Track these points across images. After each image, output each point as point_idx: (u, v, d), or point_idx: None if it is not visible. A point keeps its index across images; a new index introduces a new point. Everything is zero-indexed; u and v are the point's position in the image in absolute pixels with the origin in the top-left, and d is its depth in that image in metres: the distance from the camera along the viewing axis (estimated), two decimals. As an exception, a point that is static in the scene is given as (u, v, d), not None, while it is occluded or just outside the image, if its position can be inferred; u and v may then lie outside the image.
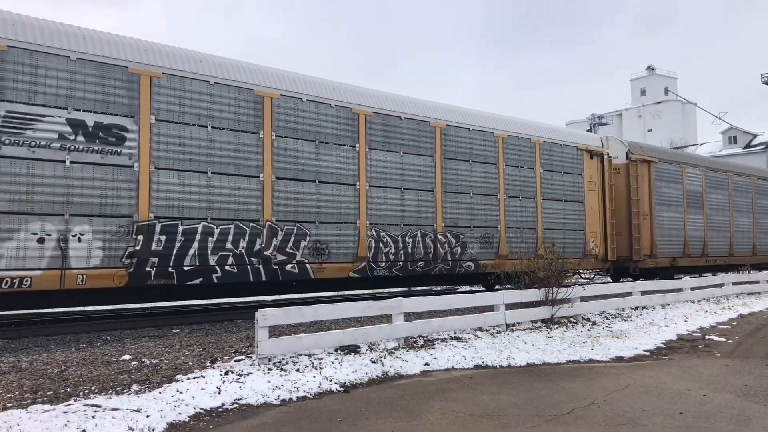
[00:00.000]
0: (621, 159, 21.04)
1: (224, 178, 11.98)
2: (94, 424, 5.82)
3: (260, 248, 12.28)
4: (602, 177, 19.93)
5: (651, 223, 21.14)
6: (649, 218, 21.05)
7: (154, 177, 11.18)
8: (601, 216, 19.73)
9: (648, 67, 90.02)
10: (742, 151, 56.79)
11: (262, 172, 12.47)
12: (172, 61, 11.66)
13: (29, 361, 8.22)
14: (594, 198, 19.63)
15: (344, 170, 13.80)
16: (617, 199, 20.89)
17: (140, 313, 14.04)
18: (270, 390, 7.28)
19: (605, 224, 19.88)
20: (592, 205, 19.43)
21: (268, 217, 12.46)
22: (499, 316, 11.80)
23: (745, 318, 15.17)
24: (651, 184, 21.27)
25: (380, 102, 14.85)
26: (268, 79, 12.90)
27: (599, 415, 6.70)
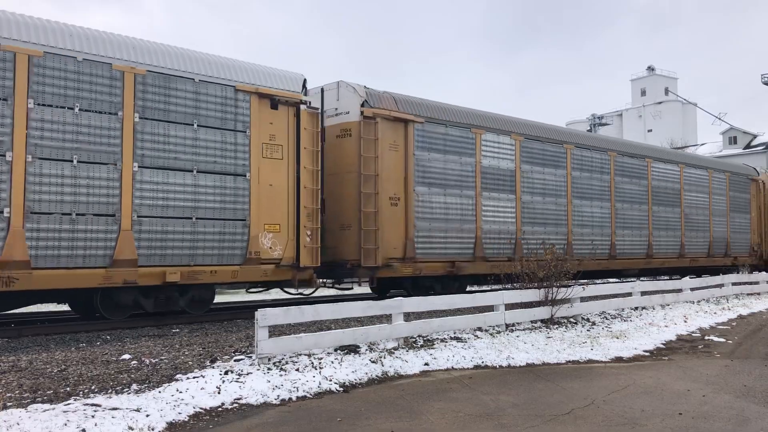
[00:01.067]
0: (354, 115, 14.52)
1: None
2: (94, 424, 5.82)
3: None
4: (297, 139, 13.17)
5: (407, 212, 14.80)
6: (403, 204, 14.81)
7: None
8: (292, 199, 13.11)
9: (648, 68, 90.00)
10: (742, 151, 56.81)
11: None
12: None
13: (29, 360, 8.22)
14: (278, 171, 12.90)
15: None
16: (341, 175, 14.67)
17: (140, 313, 14.03)
18: (270, 390, 7.29)
19: (299, 211, 13.16)
20: (272, 182, 12.79)
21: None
22: (499, 317, 11.80)
23: (744, 318, 15.18)
24: (409, 154, 14.94)
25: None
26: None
27: (599, 416, 6.71)
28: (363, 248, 14.02)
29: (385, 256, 14.40)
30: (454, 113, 16.32)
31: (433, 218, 15.43)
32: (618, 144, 22.04)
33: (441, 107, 16.19)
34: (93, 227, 10.71)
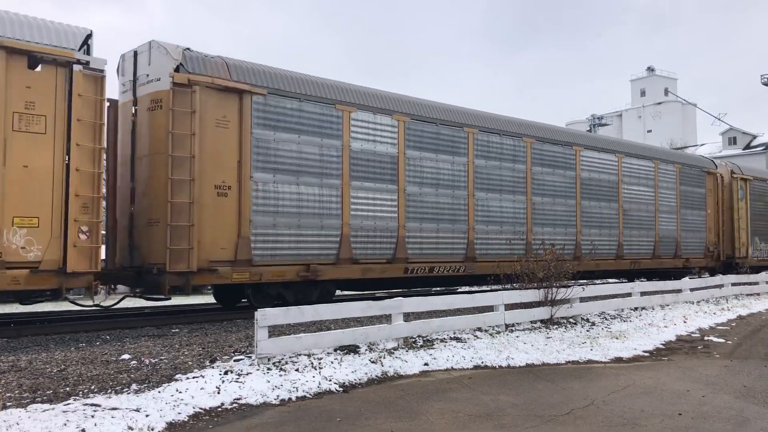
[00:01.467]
0: (166, 82, 11.72)
1: None
2: (94, 423, 5.82)
3: None
4: (69, 110, 10.49)
5: (240, 204, 12.15)
6: (235, 194, 12.12)
7: None
8: (59, 186, 10.42)
9: (648, 68, 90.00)
10: (741, 152, 56.81)
11: None
12: None
13: (29, 360, 8.22)
14: (38, 149, 10.22)
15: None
16: (153, 157, 11.96)
17: (139, 313, 14.05)
18: (269, 390, 7.29)
19: (66, 200, 10.44)
20: (27, 162, 10.11)
21: None
22: (499, 317, 11.80)
23: (744, 319, 15.19)
24: (245, 133, 12.26)
25: None
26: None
27: (598, 416, 6.71)
28: (170, 248, 11.22)
29: (207, 258, 11.64)
30: (312, 85, 13.43)
31: (278, 212, 12.61)
32: (536, 129, 18.32)
33: (293, 77, 13.28)
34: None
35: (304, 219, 13.05)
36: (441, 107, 16.13)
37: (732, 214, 24.67)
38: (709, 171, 24.23)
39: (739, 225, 24.59)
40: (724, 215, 24.71)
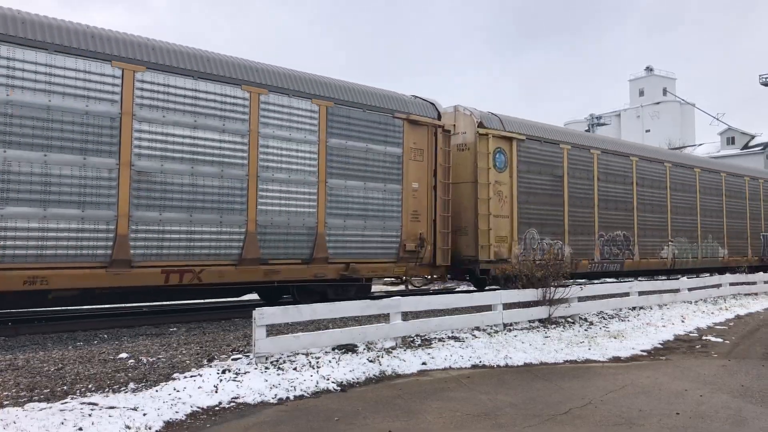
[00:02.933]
0: None
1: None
2: (91, 422, 5.81)
3: None
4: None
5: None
6: None
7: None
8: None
9: (646, 68, 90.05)
10: (740, 152, 56.89)
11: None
12: None
13: (26, 358, 8.20)
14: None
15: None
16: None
17: (137, 312, 14.03)
18: (267, 389, 7.28)
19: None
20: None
21: None
22: (497, 316, 11.81)
23: (742, 319, 15.21)
24: None
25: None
26: None
27: (596, 415, 6.71)
28: None
29: None
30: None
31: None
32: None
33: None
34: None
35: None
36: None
37: (477, 193, 16.04)
38: (411, 117, 14.82)
39: (489, 210, 16.03)
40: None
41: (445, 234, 15.48)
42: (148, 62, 11.07)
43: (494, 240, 16.21)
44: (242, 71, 12.30)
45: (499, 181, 16.55)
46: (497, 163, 16.62)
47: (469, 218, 16.27)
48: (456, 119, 16.69)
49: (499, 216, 16.41)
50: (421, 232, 14.96)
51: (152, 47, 11.29)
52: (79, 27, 10.73)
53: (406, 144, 14.83)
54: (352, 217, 13.82)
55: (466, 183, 16.47)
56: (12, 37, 9.85)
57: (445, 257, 15.46)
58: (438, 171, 15.32)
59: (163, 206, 11.21)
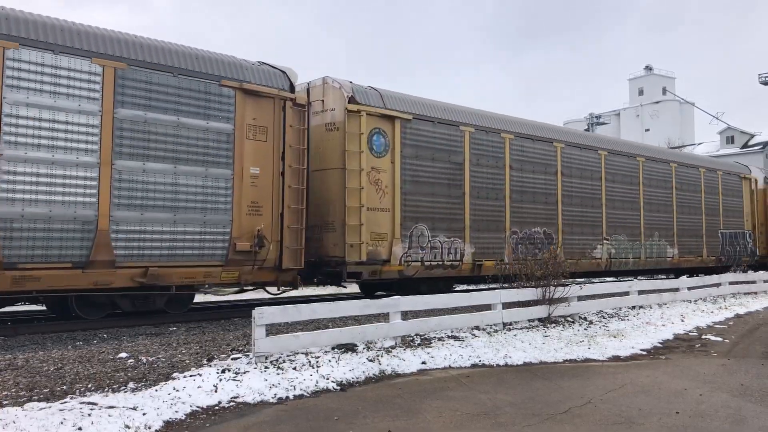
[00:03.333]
0: None
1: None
2: (90, 422, 5.81)
3: None
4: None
5: None
6: None
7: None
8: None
9: (646, 67, 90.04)
10: (739, 151, 56.89)
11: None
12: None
13: (25, 358, 8.20)
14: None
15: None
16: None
17: (137, 311, 14.01)
18: (267, 388, 7.28)
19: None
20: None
21: None
22: (496, 315, 11.80)
23: (741, 318, 15.21)
24: None
25: None
26: None
27: (596, 415, 6.71)
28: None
29: None
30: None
31: None
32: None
33: None
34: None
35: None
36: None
37: (346, 181, 13.64)
38: (251, 89, 12.29)
39: (362, 201, 13.65)
40: (333, 184, 13.96)
41: (296, 231, 12.77)
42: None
43: (369, 237, 13.80)
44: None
45: (378, 167, 14.11)
46: (374, 147, 14.03)
47: (338, 212, 13.73)
48: (325, 93, 14.26)
49: (376, 209, 14.01)
50: (260, 228, 12.16)
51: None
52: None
53: (240, 119, 12.03)
54: (155, 209, 11.08)
55: (334, 170, 13.94)
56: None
57: (295, 259, 12.73)
58: (288, 154, 12.62)
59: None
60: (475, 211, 16.00)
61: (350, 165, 13.68)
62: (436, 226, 15.16)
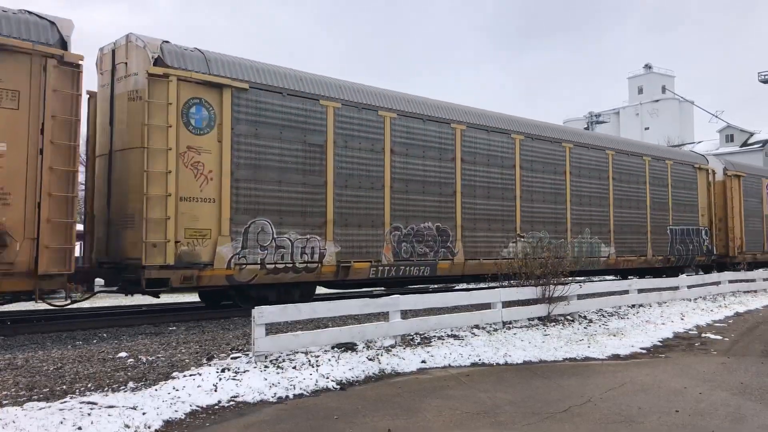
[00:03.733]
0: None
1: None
2: (90, 422, 5.81)
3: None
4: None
5: None
6: None
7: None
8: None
9: (645, 65, 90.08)
10: (739, 149, 56.90)
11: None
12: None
13: (25, 358, 8.20)
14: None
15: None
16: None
17: (137, 311, 14.03)
18: (267, 387, 7.28)
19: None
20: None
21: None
22: (496, 314, 11.80)
23: (741, 316, 15.21)
24: None
25: None
26: None
27: (596, 413, 6.71)
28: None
29: None
30: None
31: None
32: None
33: None
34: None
35: None
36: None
37: (147, 163, 11.14)
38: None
39: (170, 188, 11.23)
40: (136, 167, 11.41)
41: (62, 226, 10.11)
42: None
43: (183, 235, 11.22)
44: None
45: (198, 147, 11.50)
46: (192, 121, 11.43)
47: (137, 202, 11.10)
48: (128, 55, 11.63)
49: (194, 199, 11.40)
50: (1, 222, 9.53)
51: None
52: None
53: None
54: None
55: (135, 149, 11.27)
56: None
57: (60, 261, 10.10)
58: (50, 126, 10.03)
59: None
60: (341, 202, 13.49)
61: (154, 142, 11.03)
62: (285, 221, 12.57)
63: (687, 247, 23.18)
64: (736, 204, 25.83)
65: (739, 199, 25.99)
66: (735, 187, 25.88)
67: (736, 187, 25.94)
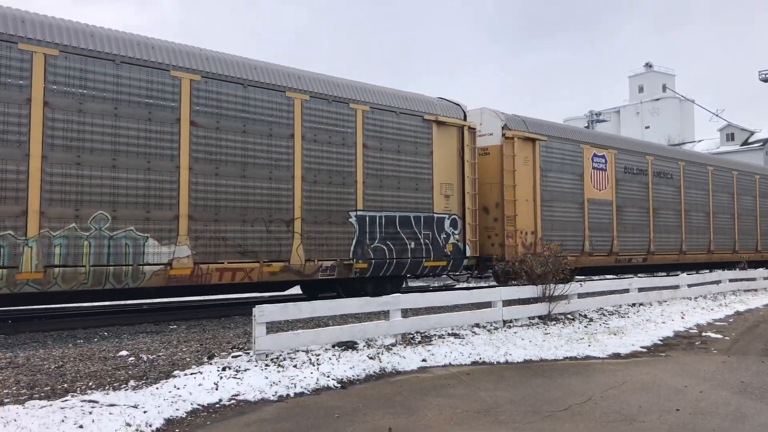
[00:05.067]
0: None
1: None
2: (91, 420, 5.82)
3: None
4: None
5: None
6: None
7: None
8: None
9: (646, 64, 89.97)
10: (739, 148, 56.87)
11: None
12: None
13: (26, 356, 8.21)
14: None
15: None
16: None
17: (137, 309, 14.04)
18: (267, 386, 7.29)
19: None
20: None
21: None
22: (497, 313, 11.81)
23: (741, 315, 15.21)
24: None
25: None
26: None
27: (596, 412, 6.72)
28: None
29: None
30: None
31: None
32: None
33: None
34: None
35: None
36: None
37: None
38: None
39: None
40: None
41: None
42: None
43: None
44: None
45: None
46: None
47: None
48: None
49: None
50: None
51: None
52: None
53: None
54: None
55: None
56: None
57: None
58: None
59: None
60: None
61: None
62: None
63: (401, 246, 14.19)
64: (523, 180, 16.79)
65: (531, 174, 17.09)
66: (522, 157, 16.79)
67: (523, 156, 16.84)
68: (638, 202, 20.79)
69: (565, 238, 17.77)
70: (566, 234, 18.01)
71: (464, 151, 15.59)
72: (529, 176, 17.02)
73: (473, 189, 15.81)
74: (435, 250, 14.93)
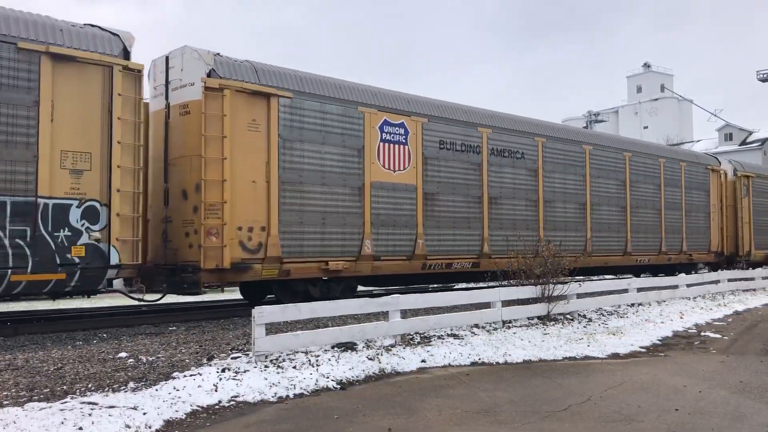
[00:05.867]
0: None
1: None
2: (91, 422, 5.81)
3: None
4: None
5: None
6: None
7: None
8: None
9: (644, 64, 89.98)
10: (738, 148, 56.92)
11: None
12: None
13: (25, 358, 8.20)
14: None
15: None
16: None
17: (137, 311, 14.03)
18: (267, 387, 7.29)
19: None
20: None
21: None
22: (496, 313, 11.81)
23: (740, 315, 15.23)
24: None
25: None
26: None
27: (595, 412, 6.73)
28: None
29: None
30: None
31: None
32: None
33: None
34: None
35: None
36: None
37: None
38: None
39: None
40: None
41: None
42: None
43: None
44: None
45: None
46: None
47: None
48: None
49: None
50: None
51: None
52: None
53: None
54: None
55: None
56: None
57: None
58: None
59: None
60: None
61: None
62: None
63: None
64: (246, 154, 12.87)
65: (265, 144, 13.06)
66: (245, 120, 12.55)
67: (248, 119, 12.61)
68: (466, 189, 15.76)
69: (328, 236, 13.15)
70: (330, 231, 13.17)
71: (113, 104, 10.83)
72: (259, 148, 12.30)
73: (135, 162, 11.17)
74: (38, 255, 9.93)
